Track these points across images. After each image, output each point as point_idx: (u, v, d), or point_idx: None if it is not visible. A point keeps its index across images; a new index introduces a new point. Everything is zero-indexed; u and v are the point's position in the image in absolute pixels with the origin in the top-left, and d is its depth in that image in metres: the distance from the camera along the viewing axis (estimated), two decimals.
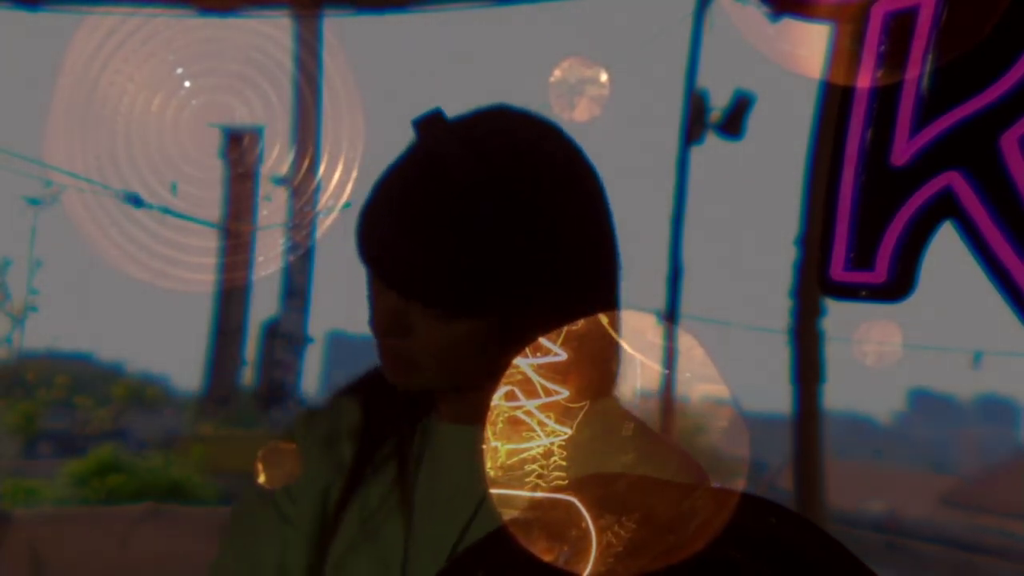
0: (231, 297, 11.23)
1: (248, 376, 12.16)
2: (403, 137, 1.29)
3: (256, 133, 9.83)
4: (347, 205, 9.26)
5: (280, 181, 9.77)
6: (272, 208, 9.74)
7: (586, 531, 0.71)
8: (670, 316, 9.51)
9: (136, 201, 7.02)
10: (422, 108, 1.28)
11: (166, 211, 7.23)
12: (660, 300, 9.59)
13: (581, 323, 1.23)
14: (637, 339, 1.23)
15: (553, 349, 1.19)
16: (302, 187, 9.34)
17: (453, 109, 1.31)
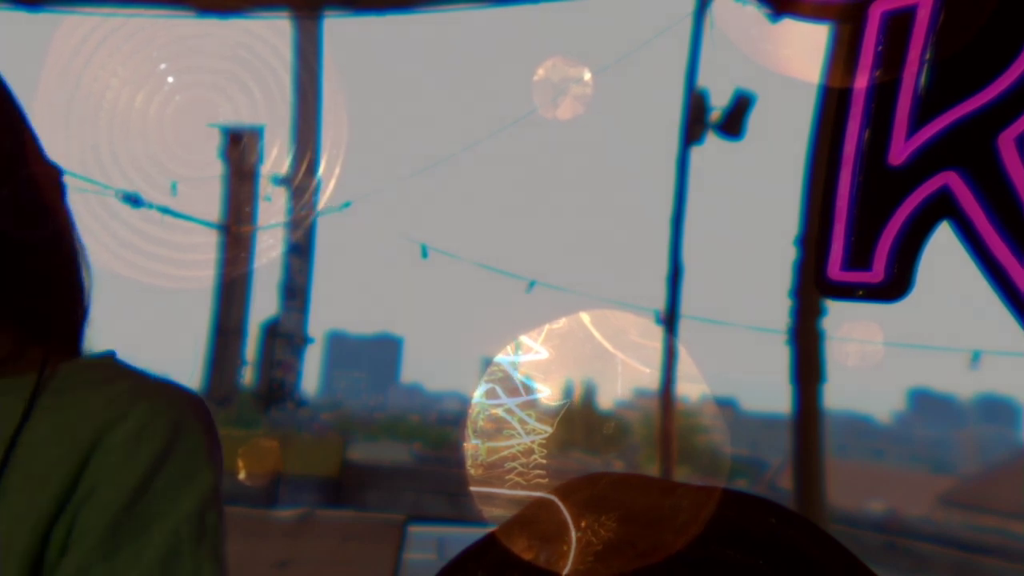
0: (231, 297, 11.22)
1: (248, 376, 12.16)
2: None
3: (256, 132, 9.82)
4: (347, 204, 9.27)
5: (280, 181, 9.77)
6: (272, 208, 9.73)
7: (566, 530, 0.71)
8: (670, 316, 9.51)
9: (135, 201, 7.01)
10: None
11: (164, 210, 7.23)
12: (660, 300, 9.59)
13: None
14: (621, 338, 1.22)
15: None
16: (300, 186, 9.34)
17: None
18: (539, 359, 1.18)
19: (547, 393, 1.18)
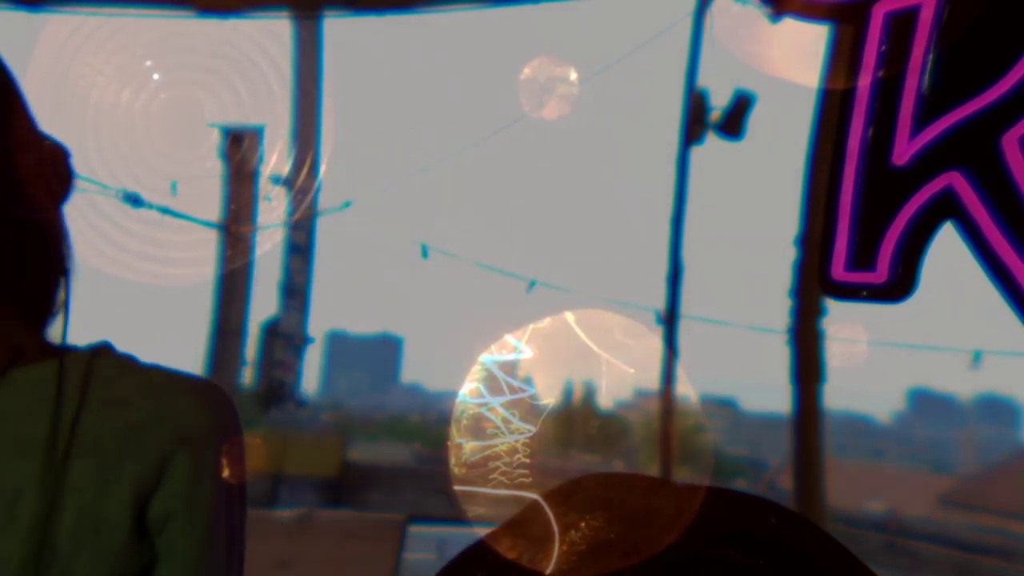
0: (231, 297, 11.22)
1: (248, 376, 12.16)
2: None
3: (256, 132, 9.83)
4: (347, 204, 9.26)
5: (279, 181, 9.77)
6: (272, 208, 9.74)
7: (549, 529, 0.71)
8: (670, 316, 9.51)
9: (135, 201, 7.02)
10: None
11: (164, 210, 7.23)
12: (660, 300, 9.60)
13: None
14: (607, 338, 1.21)
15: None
16: (300, 187, 9.34)
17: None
18: (523, 358, 1.17)
19: (532, 392, 1.18)
